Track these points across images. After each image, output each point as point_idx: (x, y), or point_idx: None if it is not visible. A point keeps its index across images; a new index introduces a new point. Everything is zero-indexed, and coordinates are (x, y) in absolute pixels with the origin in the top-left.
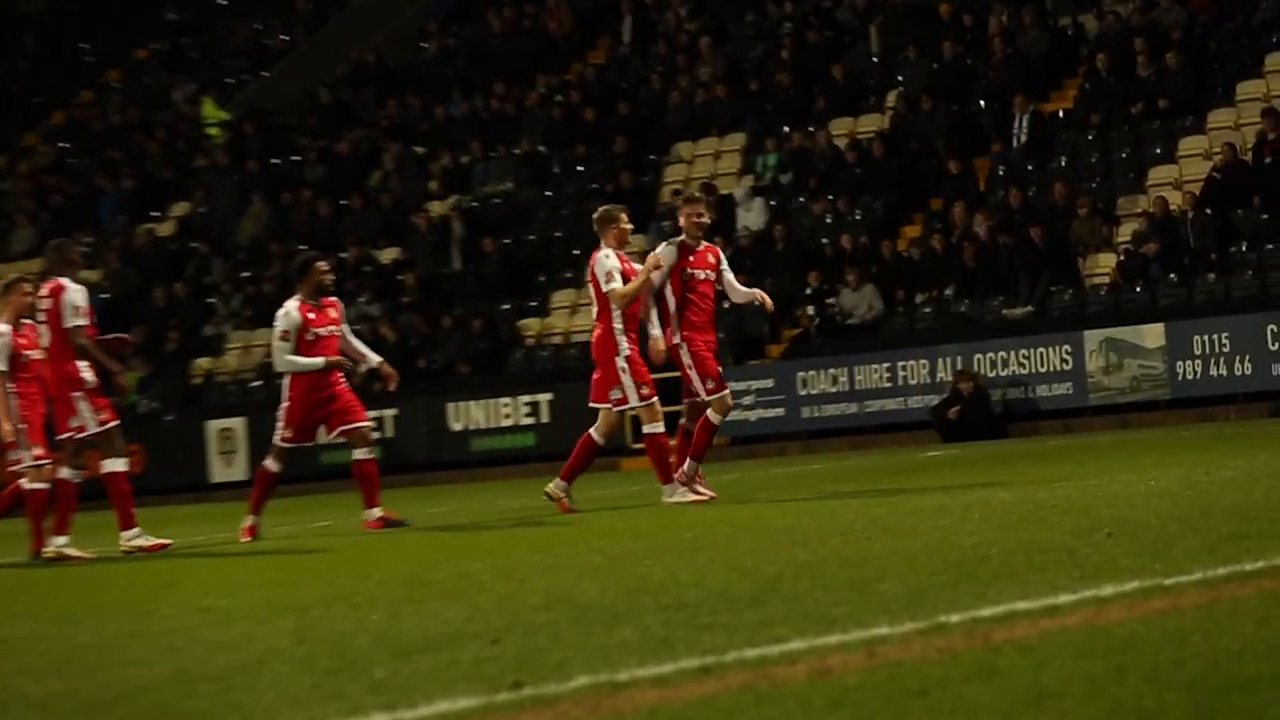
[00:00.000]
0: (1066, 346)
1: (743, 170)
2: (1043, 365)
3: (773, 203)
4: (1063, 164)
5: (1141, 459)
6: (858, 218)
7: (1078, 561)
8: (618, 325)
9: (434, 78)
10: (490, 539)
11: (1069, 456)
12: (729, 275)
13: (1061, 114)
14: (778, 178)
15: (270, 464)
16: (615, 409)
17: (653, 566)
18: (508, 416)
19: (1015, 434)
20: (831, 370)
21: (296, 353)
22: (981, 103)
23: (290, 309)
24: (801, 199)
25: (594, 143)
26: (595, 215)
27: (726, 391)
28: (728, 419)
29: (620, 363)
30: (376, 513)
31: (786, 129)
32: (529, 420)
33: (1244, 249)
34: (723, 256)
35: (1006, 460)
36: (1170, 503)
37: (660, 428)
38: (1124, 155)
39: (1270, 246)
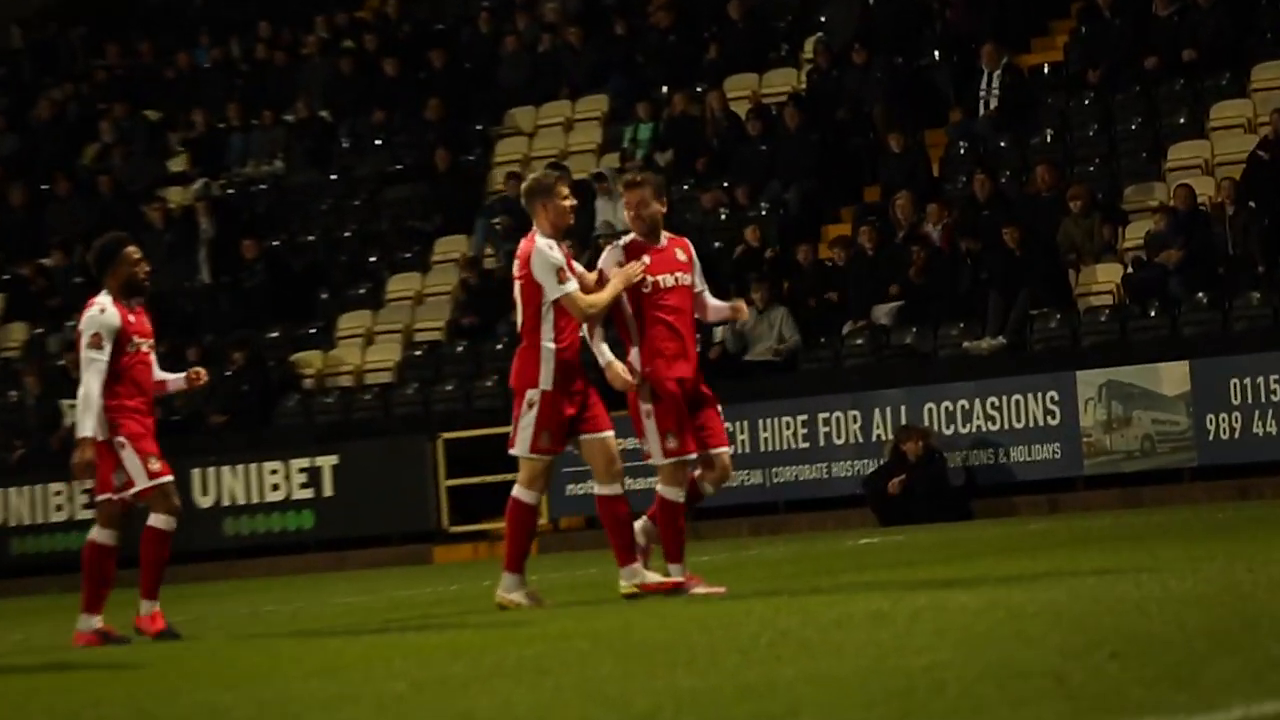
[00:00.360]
0: (1054, 393)
1: (605, 146)
2: (1020, 419)
3: None
4: (1048, 139)
5: (1158, 549)
6: (764, 212)
7: (1070, 692)
8: (549, 345)
9: (173, 14)
10: (252, 658)
11: (1057, 545)
12: (701, 282)
13: (1047, 69)
14: (653, 156)
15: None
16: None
17: (478, 697)
18: (277, 488)
19: (983, 514)
20: (727, 424)
21: (112, 371)
22: (935, 54)
23: (105, 304)
24: (686, 186)
25: (397, 107)
26: (524, 185)
27: (691, 455)
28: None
29: (532, 396)
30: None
31: (665, 89)
32: (306, 493)
33: None
34: (694, 254)
35: (970, 550)
36: (1199, 611)
37: (617, 488)
38: (1133, 127)
39: None
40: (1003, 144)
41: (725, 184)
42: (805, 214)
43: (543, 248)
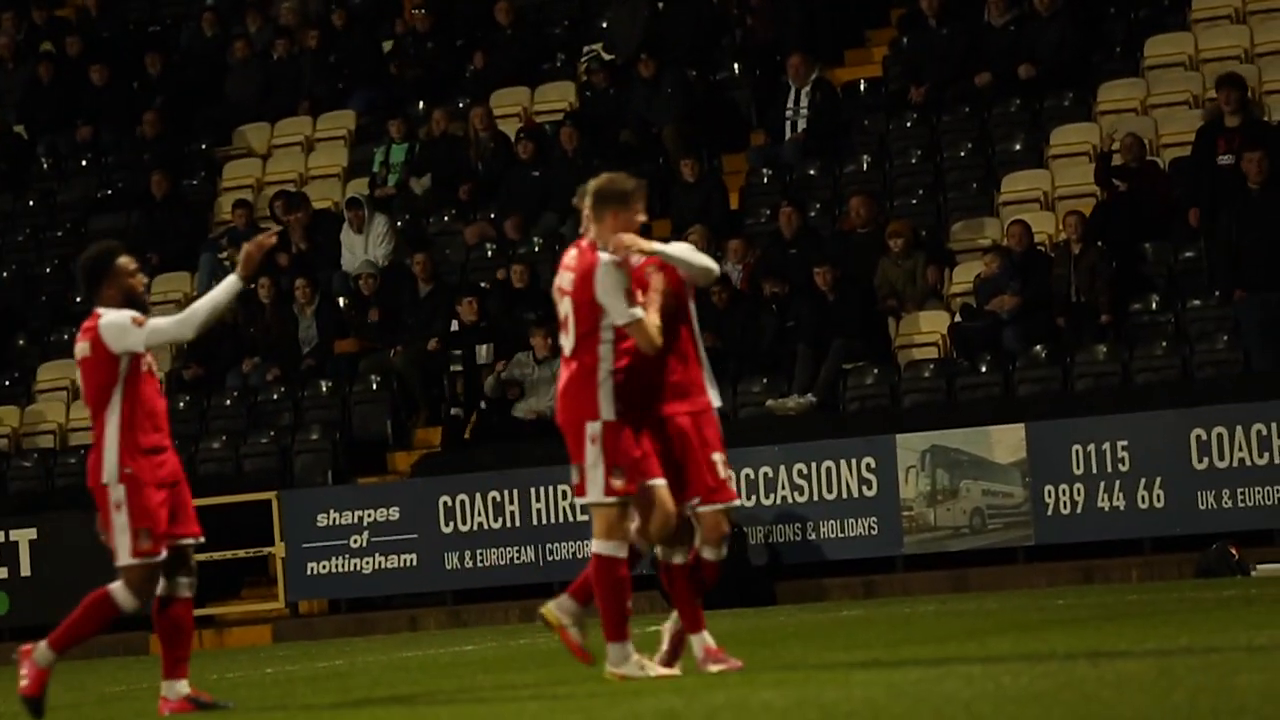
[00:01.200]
0: (870, 460)
1: (351, 171)
2: (832, 489)
3: (401, 222)
4: (864, 166)
5: (989, 641)
6: (536, 248)
7: None
8: (606, 369)
9: None
10: None
11: (874, 634)
12: None
13: (863, 86)
14: (408, 182)
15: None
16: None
17: None
18: None
19: (787, 598)
20: (494, 493)
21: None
22: (735, 67)
23: (124, 320)
24: (446, 217)
25: (106, 123)
26: (594, 185)
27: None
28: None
29: (593, 430)
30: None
31: (421, 105)
32: None
33: (1155, 305)
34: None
35: (773, 639)
36: (1036, 712)
37: (622, 550)
38: (962, 154)
39: (1197, 302)
40: (812, 172)
41: (493, 215)
42: None
43: (608, 265)
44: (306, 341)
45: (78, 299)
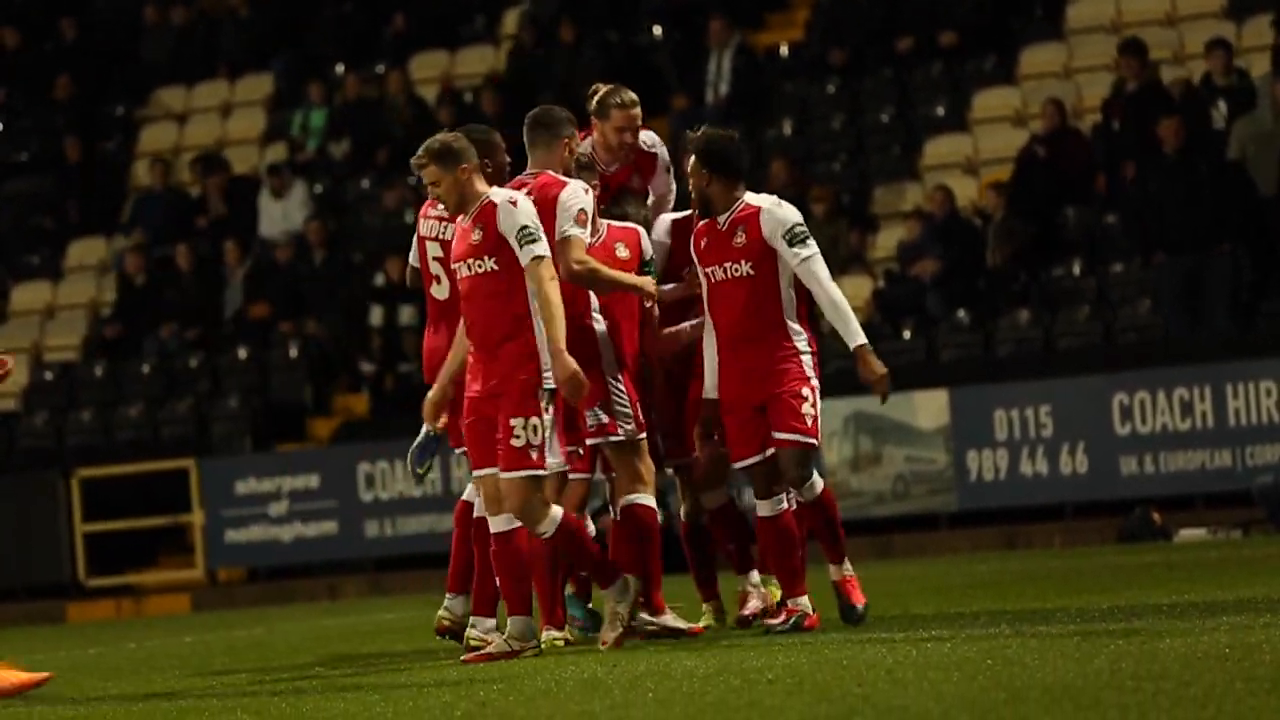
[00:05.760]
0: None
1: (268, 135)
2: None
3: (318, 188)
4: (786, 132)
5: (913, 606)
6: None
7: None
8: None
9: None
10: None
11: None
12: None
13: (785, 50)
14: (326, 147)
15: None
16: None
17: None
18: None
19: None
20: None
21: None
22: (656, 30)
23: None
24: (365, 182)
25: (18, 86)
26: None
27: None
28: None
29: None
30: None
31: (340, 69)
32: None
33: (1078, 271)
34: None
35: (692, 604)
36: (959, 678)
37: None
38: (885, 119)
39: (1120, 267)
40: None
41: (412, 179)
42: None
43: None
44: (231, 304)
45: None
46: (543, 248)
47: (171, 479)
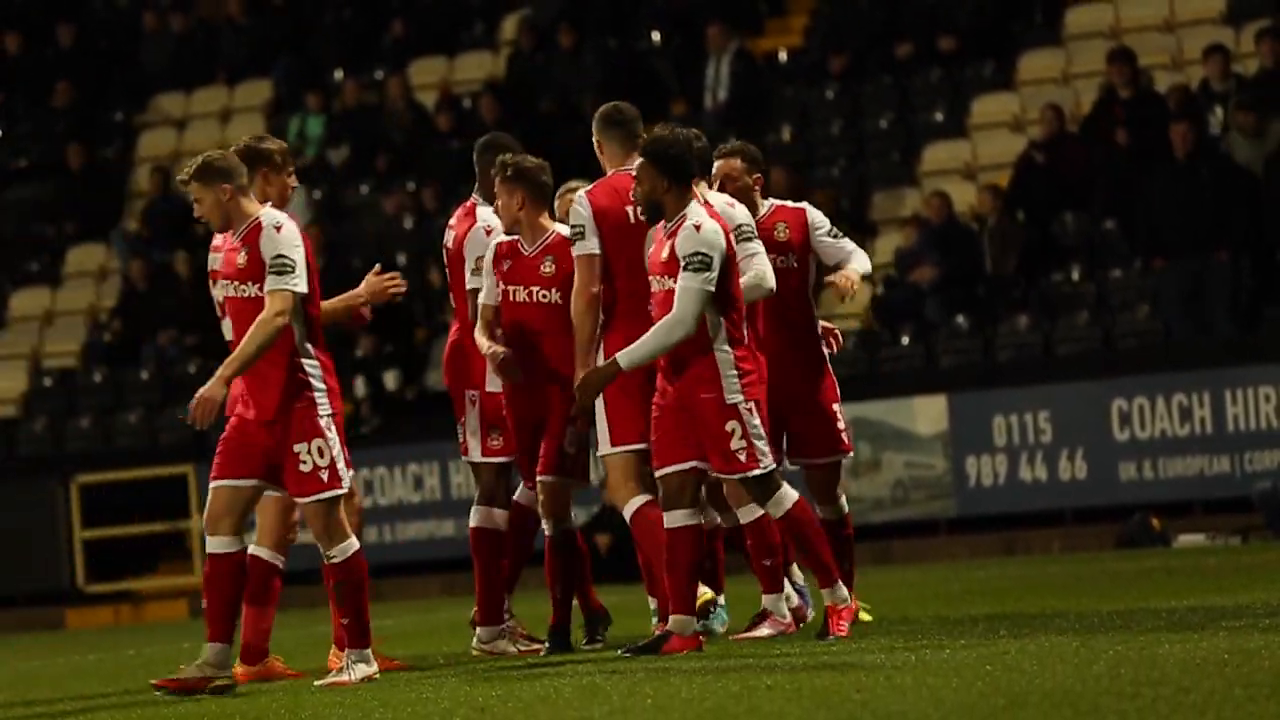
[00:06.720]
0: None
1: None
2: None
3: (317, 194)
4: (785, 137)
5: (913, 611)
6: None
7: None
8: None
9: None
10: None
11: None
12: None
13: (784, 56)
14: (325, 154)
15: None
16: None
17: None
18: None
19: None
20: (413, 466)
21: None
22: (655, 36)
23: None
24: (364, 188)
25: (18, 92)
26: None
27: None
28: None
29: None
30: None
31: (339, 75)
32: None
33: (1076, 277)
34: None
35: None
36: (957, 684)
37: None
38: (884, 124)
39: (1119, 273)
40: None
41: (411, 186)
42: None
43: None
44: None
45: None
46: (291, 282)
47: (170, 485)
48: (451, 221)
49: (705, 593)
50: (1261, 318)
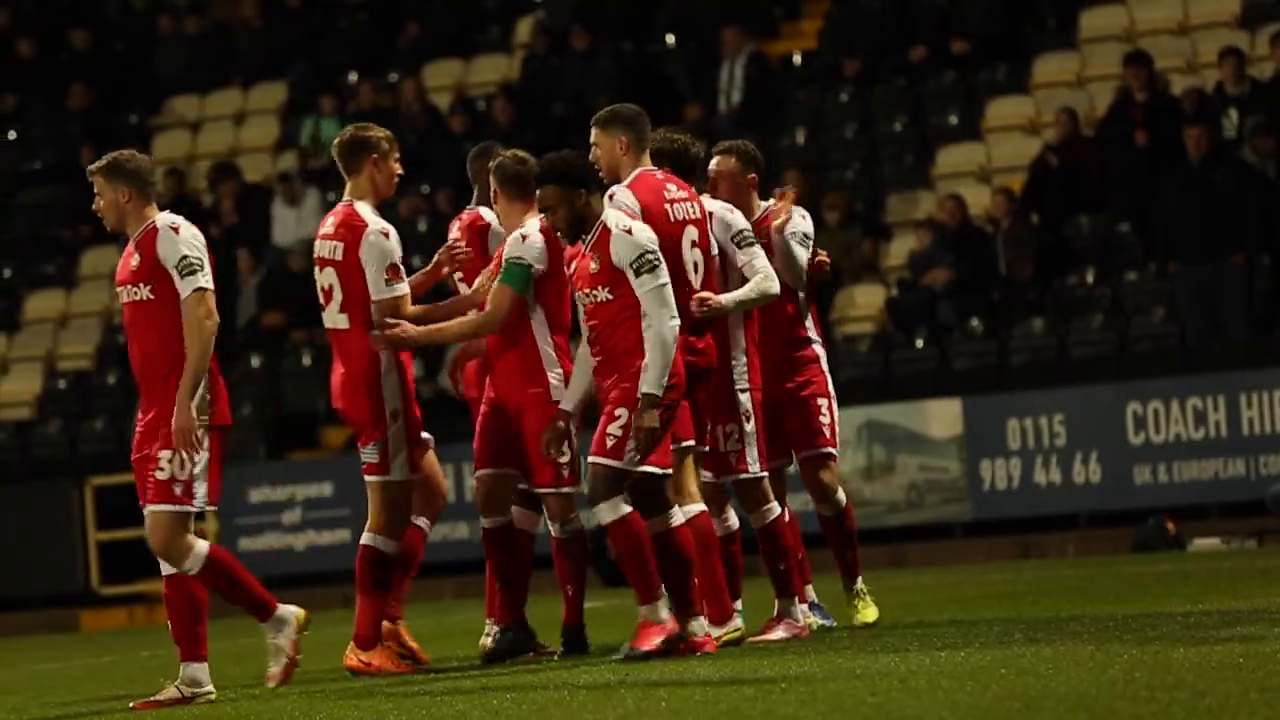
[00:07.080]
0: None
1: (282, 143)
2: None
3: (331, 196)
4: (799, 140)
5: (927, 615)
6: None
7: None
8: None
9: None
10: None
11: None
12: None
13: (798, 59)
14: None
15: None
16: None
17: None
18: None
19: None
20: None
21: None
22: (669, 39)
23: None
24: None
25: (34, 94)
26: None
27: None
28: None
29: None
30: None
31: (354, 77)
32: None
33: (1091, 279)
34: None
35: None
36: (973, 687)
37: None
38: (898, 127)
39: (1134, 276)
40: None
41: (425, 188)
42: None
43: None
44: (244, 313)
45: (3, 273)
46: (204, 280)
47: None
48: (455, 233)
49: (737, 629)
50: (1276, 321)
